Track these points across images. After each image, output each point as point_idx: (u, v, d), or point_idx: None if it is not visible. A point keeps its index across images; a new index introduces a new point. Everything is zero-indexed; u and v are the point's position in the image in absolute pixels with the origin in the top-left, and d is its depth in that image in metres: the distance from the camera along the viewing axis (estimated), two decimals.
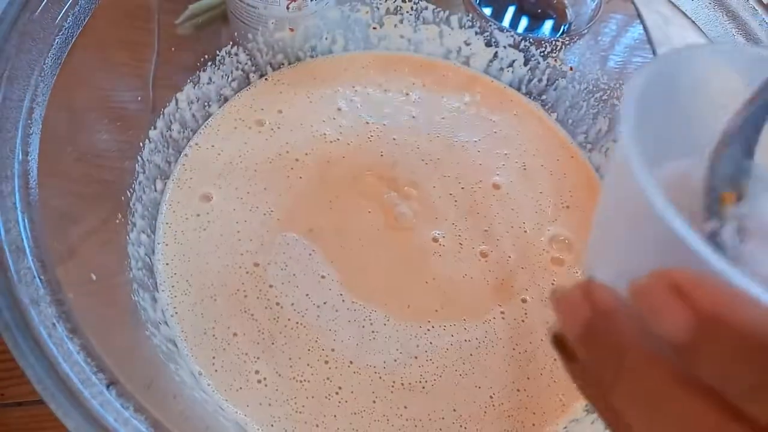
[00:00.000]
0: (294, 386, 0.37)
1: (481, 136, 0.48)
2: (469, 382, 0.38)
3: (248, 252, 0.41)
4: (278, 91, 0.49)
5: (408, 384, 0.38)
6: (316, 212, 0.43)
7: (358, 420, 0.36)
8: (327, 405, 0.37)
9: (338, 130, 0.47)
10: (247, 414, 0.36)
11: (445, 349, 0.39)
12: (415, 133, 0.48)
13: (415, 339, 0.39)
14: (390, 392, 0.37)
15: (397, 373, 0.38)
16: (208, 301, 0.39)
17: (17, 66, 0.31)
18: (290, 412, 0.36)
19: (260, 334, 0.38)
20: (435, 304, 0.40)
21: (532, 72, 0.52)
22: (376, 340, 0.39)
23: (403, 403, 0.37)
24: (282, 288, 0.40)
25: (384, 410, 0.37)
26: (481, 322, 0.40)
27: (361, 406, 0.37)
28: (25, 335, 0.26)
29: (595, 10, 0.50)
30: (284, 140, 0.46)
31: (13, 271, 0.27)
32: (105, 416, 0.25)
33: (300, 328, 0.39)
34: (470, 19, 0.51)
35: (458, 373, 0.38)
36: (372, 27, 0.52)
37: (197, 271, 0.40)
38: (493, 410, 0.38)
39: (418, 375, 0.38)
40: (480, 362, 0.39)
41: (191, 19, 0.46)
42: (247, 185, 0.44)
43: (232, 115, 0.47)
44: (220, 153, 0.45)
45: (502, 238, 0.44)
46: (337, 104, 0.49)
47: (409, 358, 0.38)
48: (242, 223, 0.42)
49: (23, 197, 0.29)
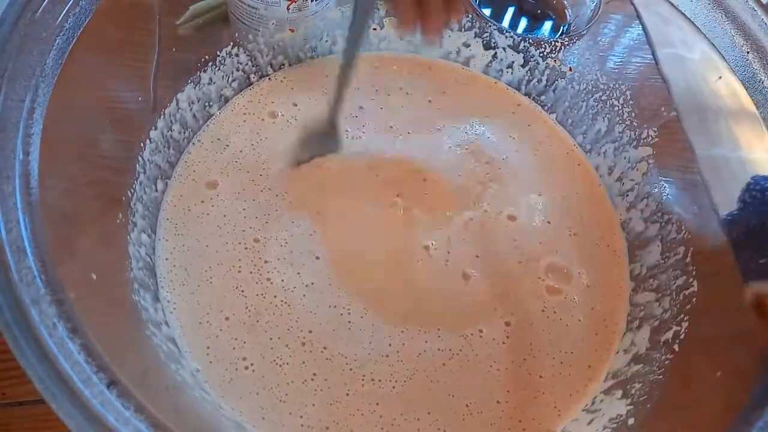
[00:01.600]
0: (275, 370, 0.38)
1: (480, 135, 0.49)
2: (441, 389, 0.38)
3: (251, 228, 0.42)
4: (283, 88, 0.49)
5: (378, 381, 0.38)
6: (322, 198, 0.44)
7: (335, 411, 0.37)
8: (306, 393, 0.37)
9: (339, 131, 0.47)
10: (242, 410, 0.36)
11: (416, 353, 0.39)
12: (415, 133, 0.48)
13: (388, 338, 0.39)
14: (361, 386, 0.38)
15: (367, 368, 0.38)
16: (204, 285, 0.40)
17: (18, 66, 0.31)
18: (275, 402, 0.37)
19: (247, 311, 0.39)
20: (408, 308, 0.40)
21: (532, 73, 0.52)
22: (351, 331, 0.39)
23: (375, 399, 0.37)
24: (276, 264, 0.41)
25: (358, 404, 0.37)
26: (457, 336, 0.40)
27: (335, 397, 0.37)
28: (26, 335, 0.26)
29: (595, 10, 0.51)
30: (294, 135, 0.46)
31: (13, 271, 0.27)
32: (105, 416, 0.25)
33: (284, 306, 0.40)
34: (470, 19, 0.52)
35: (429, 379, 0.38)
36: (372, 28, 0.52)
37: (196, 256, 0.41)
38: (472, 418, 0.38)
39: (388, 374, 0.38)
40: (452, 372, 0.39)
41: (192, 20, 0.46)
42: (257, 172, 0.45)
43: (239, 110, 0.48)
44: (227, 145, 0.46)
45: (498, 259, 0.44)
46: None
47: (380, 356, 0.39)
48: (249, 201, 0.43)
49: (24, 197, 0.29)
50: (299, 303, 0.40)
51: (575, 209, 0.46)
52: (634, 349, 0.40)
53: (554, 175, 0.48)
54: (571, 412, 0.39)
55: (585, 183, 0.48)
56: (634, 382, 0.38)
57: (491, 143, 0.48)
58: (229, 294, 0.40)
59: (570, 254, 0.44)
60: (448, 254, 0.43)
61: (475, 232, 0.44)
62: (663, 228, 0.44)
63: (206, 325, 0.39)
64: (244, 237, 0.42)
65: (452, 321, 0.40)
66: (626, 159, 0.47)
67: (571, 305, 0.42)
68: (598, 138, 0.49)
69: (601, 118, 0.49)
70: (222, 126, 0.47)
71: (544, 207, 0.46)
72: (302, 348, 0.38)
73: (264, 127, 0.47)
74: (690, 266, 0.41)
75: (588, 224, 0.46)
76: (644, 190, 0.46)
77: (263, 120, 0.48)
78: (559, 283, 0.43)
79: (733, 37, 0.40)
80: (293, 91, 0.49)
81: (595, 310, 0.42)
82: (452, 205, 0.45)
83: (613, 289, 0.44)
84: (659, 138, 0.46)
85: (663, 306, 0.41)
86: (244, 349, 0.38)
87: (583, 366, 0.40)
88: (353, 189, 0.45)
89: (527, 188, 0.47)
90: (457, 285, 0.42)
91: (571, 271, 0.44)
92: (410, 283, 0.42)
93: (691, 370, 0.38)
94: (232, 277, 0.40)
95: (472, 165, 0.47)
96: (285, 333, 0.39)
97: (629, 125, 0.47)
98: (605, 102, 0.49)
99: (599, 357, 0.41)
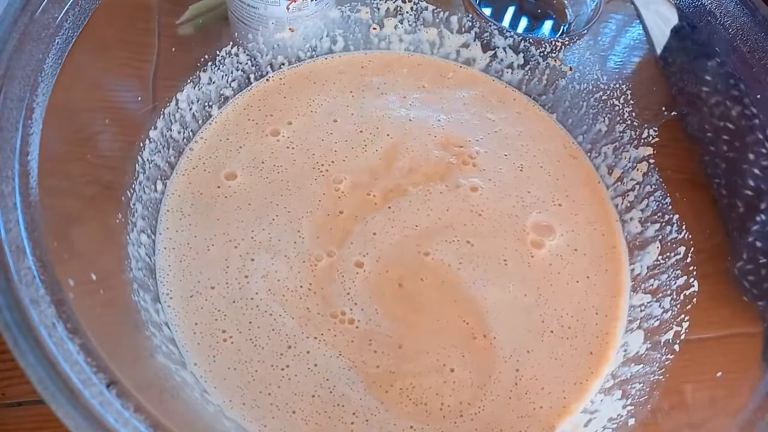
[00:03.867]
0: (279, 375, 0.37)
1: (481, 136, 0.48)
2: (411, 401, 0.38)
3: (253, 231, 0.42)
4: (280, 90, 0.49)
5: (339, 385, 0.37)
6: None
7: (325, 421, 0.36)
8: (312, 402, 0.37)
9: (340, 130, 0.47)
10: (245, 415, 0.36)
11: (376, 365, 0.38)
12: (415, 134, 0.48)
13: (351, 344, 0.39)
14: (329, 392, 0.37)
15: (332, 371, 0.38)
16: (204, 287, 0.40)
17: (18, 66, 0.31)
18: (282, 412, 0.36)
19: (248, 314, 0.39)
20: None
21: (532, 72, 0.52)
22: (319, 330, 0.39)
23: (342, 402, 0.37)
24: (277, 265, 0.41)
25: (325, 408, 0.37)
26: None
27: (308, 393, 0.37)
28: (26, 335, 0.26)
29: (595, 10, 0.50)
30: (285, 136, 0.46)
31: (13, 271, 0.27)
32: (105, 416, 0.25)
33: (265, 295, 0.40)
34: (470, 19, 0.52)
35: (394, 389, 0.38)
36: (372, 27, 0.52)
37: (196, 258, 0.41)
38: (464, 422, 0.37)
39: (351, 380, 0.37)
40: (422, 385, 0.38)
41: (192, 20, 0.46)
42: (257, 173, 0.45)
43: (239, 110, 0.48)
44: (228, 145, 0.46)
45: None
46: (338, 104, 0.49)
47: (345, 360, 0.38)
48: (250, 202, 0.43)
49: (23, 197, 0.29)
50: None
51: (574, 209, 0.46)
52: (634, 349, 0.40)
53: (554, 176, 0.48)
54: (571, 412, 0.39)
55: (585, 183, 0.48)
56: (634, 382, 0.38)
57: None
58: (230, 296, 0.40)
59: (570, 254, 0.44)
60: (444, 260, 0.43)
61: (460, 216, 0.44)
62: (663, 228, 0.44)
63: (203, 316, 0.39)
64: (245, 239, 0.42)
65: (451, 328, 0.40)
66: (626, 159, 0.47)
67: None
68: (599, 138, 0.49)
69: (602, 117, 0.49)
70: (222, 126, 0.47)
71: (546, 219, 0.46)
72: (288, 351, 0.38)
73: (264, 127, 0.47)
74: (690, 266, 0.41)
75: (587, 224, 0.46)
76: (645, 190, 0.46)
77: (263, 120, 0.48)
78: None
79: None
80: (293, 92, 0.49)
81: (591, 320, 0.42)
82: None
83: (612, 289, 0.43)
84: (660, 138, 0.46)
85: (663, 306, 0.41)
86: (235, 339, 0.38)
87: (582, 366, 0.40)
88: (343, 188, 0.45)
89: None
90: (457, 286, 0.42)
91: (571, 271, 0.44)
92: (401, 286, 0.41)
93: (691, 370, 0.38)
94: (232, 279, 0.40)
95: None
96: (286, 338, 0.39)
97: (629, 125, 0.47)
98: (606, 102, 0.49)
99: (599, 357, 0.41)
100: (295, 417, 0.36)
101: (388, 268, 0.41)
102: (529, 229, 0.45)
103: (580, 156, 0.50)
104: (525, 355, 0.40)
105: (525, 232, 0.44)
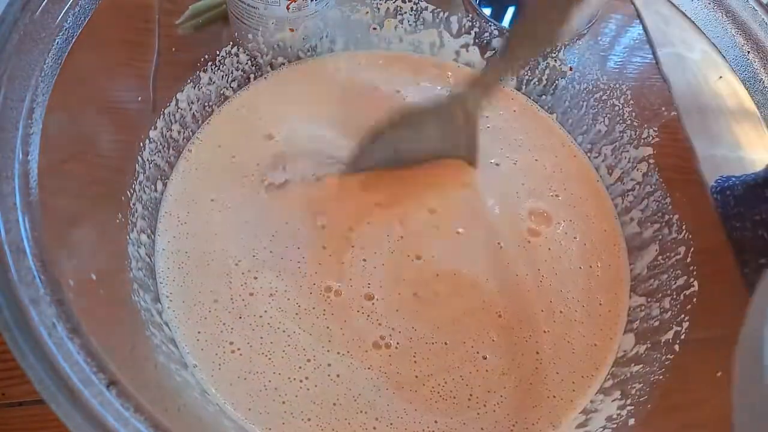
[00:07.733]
0: (280, 377, 0.37)
1: None
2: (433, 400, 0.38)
3: (254, 232, 0.42)
4: (279, 90, 0.49)
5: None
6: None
7: (343, 427, 0.36)
8: (308, 399, 0.37)
9: (340, 130, 0.47)
10: (247, 416, 0.36)
11: (414, 375, 0.38)
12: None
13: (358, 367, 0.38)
14: (353, 400, 0.37)
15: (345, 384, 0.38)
16: (204, 288, 0.40)
17: (17, 66, 0.31)
18: (279, 409, 0.36)
19: (249, 316, 0.39)
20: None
21: (532, 72, 0.52)
22: (332, 342, 0.39)
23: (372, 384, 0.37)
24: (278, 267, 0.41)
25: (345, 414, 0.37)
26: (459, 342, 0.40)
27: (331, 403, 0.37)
28: (25, 335, 0.26)
29: (595, 10, 0.50)
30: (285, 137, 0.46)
31: (13, 271, 0.27)
32: (105, 416, 0.25)
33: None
34: (470, 19, 0.52)
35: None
36: (372, 27, 0.52)
37: (196, 258, 0.41)
38: (486, 413, 0.38)
39: (377, 387, 0.37)
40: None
41: (192, 20, 0.46)
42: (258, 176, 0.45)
43: (239, 110, 0.48)
44: (228, 146, 0.46)
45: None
46: (337, 104, 0.49)
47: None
48: (251, 204, 0.43)
49: (23, 197, 0.29)
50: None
51: (574, 210, 0.46)
52: (634, 349, 0.40)
53: (554, 176, 0.48)
54: (570, 412, 0.39)
55: (585, 183, 0.48)
56: (634, 382, 0.38)
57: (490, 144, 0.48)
58: (230, 297, 0.40)
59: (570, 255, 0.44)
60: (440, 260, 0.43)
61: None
62: (663, 228, 0.43)
63: (206, 326, 0.39)
64: (245, 240, 0.42)
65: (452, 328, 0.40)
66: (626, 159, 0.47)
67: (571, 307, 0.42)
68: (599, 138, 0.49)
69: (602, 117, 0.49)
70: (222, 126, 0.47)
71: (543, 207, 0.46)
72: (307, 364, 0.38)
73: (265, 129, 0.47)
74: (690, 266, 0.41)
75: (587, 224, 0.46)
76: (645, 190, 0.45)
77: (263, 120, 0.48)
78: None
79: (733, 36, 0.40)
80: (293, 92, 0.49)
81: (595, 311, 0.42)
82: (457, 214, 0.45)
83: (612, 289, 0.43)
84: (660, 138, 0.46)
85: (663, 306, 0.41)
86: (244, 352, 0.38)
87: (582, 366, 0.40)
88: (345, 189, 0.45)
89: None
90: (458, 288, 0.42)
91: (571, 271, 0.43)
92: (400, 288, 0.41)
93: (691, 370, 0.37)
94: (233, 280, 0.40)
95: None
96: (303, 353, 0.38)
97: (629, 125, 0.47)
98: (605, 102, 0.49)
99: (598, 357, 0.41)
100: (309, 424, 0.36)
101: (399, 291, 0.41)
102: (526, 216, 0.45)
103: (580, 156, 0.50)
104: (542, 336, 0.40)
105: (522, 219, 0.45)
